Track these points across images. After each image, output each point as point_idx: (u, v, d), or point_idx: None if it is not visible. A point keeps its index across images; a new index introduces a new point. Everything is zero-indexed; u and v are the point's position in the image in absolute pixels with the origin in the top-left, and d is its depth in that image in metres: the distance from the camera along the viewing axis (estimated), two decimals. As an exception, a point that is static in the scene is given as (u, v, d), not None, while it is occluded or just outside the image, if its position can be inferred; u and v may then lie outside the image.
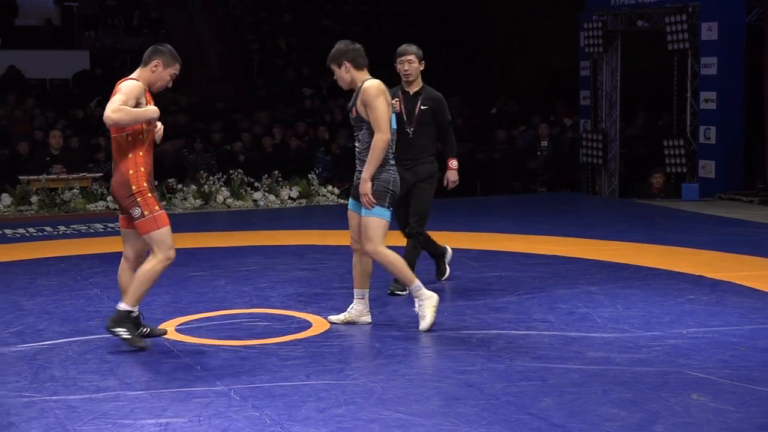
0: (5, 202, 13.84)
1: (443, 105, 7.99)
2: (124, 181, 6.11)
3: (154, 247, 6.14)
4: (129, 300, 6.15)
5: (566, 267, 8.88)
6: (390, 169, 6.61)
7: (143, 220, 6.10)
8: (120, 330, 6.15)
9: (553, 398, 5.16)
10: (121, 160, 6.14)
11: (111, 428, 4.78)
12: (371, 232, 6.54)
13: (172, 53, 6.36)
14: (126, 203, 6.12)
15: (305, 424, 4.81)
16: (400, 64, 7.91)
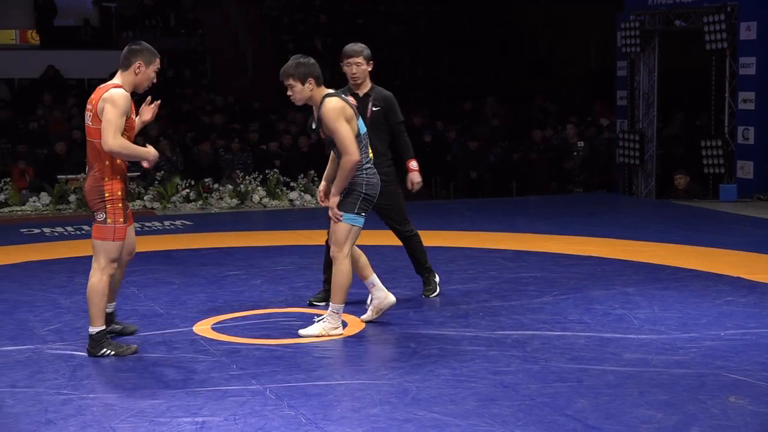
0: (44, 201, 13.97)
1: (394, 104, 7.65)
2: (97, 186, 6.03)
3: (100, 256, 6.04)
4: (94, 321, 6.06)
5: (602, 268, 8.83)
6: (363, 174, 6.51)
7: (104, 226, 6.01)
8: (103, 351, 6.07)
9: (588, 400, 5.14)
10: (97, 166, 6.04)
11: (147, 426, 4.80)
12: (337, 236, 6.50)
13: (150, 49, 6.28)
14: (93, 205, 6.04)
15: (340, 423, 4.82)
16: (347, 67, 7.48)
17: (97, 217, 6.05)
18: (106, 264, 6.05)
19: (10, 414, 5.00)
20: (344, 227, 6.48)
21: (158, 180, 14.61)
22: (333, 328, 6.55)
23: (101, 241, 6.04)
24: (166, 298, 7.72)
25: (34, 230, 11.85)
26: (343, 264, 6.50)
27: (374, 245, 10.08)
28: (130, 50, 6.22)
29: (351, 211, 6.47)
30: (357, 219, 6.49)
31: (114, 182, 6.06)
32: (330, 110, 6.39)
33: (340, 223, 6.46)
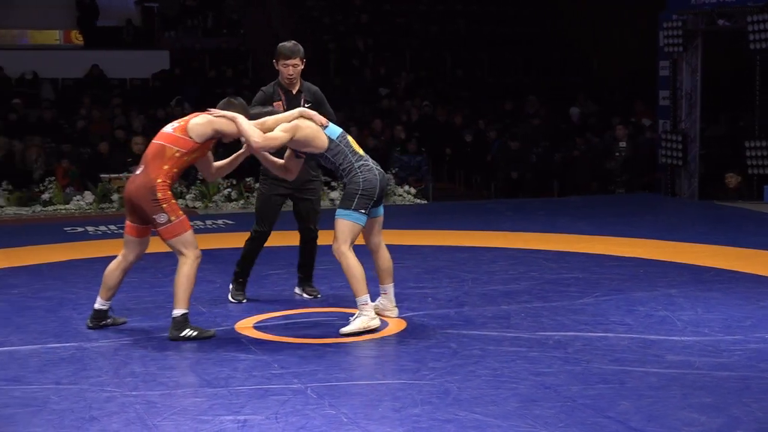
0: (87, 200, 14.09)
1: (323, 99, 7.68)
2: (150, 187, 6.32)
3: (182, 248, 6.38)
4: (179, 304, 6.40)
5: (645, 269, 8.77)
6: (357, 172, 6.61)
7: (170, 225, 6.34)
8: (185, 333, 6.38)
9: (631, 402, 5.11)
10: (154, 167, 6.37)
11: (190, 424, 4.83)
12: (336, 231, 6.60)
13: (243, 105, 6.64)
14: (150, 208, 6.31)
15: (381, 423, 4.82)
16: (284, 67, 7.47)
17: (158, 219, 6.31)
18: (191, 253, 6.39)
19: (54, 410, 5.05)
20: (344, 224, 6.58)
21: (200, 179, 14.69)
22: (370, 320, 6.61)
23: (176, 238, 6.35)
24: (208, 297, 7.76)
25: (77, 229, 11.96)
26: (348, 258, 6.58)
27: (414, 245, 10.10)
28: (228, 102, 6.63)
29: (348, 208, 6.57)
30: (354, 215, 6.57)
31: (166, 185, 6.37)
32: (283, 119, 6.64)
33: (340, 220, 6.56)
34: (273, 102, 7.47)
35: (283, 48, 7.52)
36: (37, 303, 7.69)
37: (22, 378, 5.64)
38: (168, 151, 6.37)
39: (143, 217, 6.45)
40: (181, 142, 6.41)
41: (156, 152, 6.42)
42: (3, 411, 5.04)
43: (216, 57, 21.93)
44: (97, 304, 6.77)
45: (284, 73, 7.52)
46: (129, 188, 6.46)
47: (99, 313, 6.77)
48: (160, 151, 6.40)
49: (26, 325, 6.93)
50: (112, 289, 6.75)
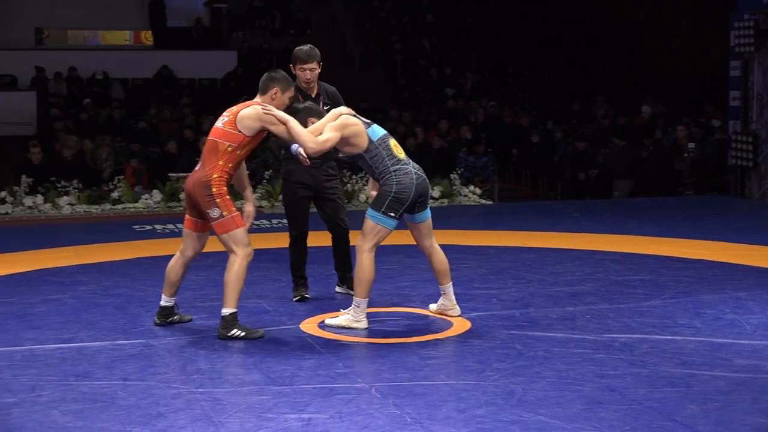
0: (155, 199, 14.26)
1: (339, 98, 7.73)
2: (205, 182, 6.37)
3: (232, 245, 6.40)
4: (228, 303, 6.42)
5: (713, 271, 8.66)
6: (392, 176, 6.63)
7: (222, 220, 6.37)
8: (233, 332, 6.42)
9: (698, 406, 5.04)
10: (210, 163, 6.42)
11: (255, 422, 4.86)
12: (363, 229, 6.63)
13: (287, 78, 6.66)
14: (204, 202, 6.37)
15: (445, 423, 4.81)
16: (302, 72, 7.49)
17: (211, 214, 6.36)
18: (242, 251, 6.40)
19: (122, 406, 5.11)
20: (370, 224, 6.60)
21: (266, 178, 14.79)
22: (355, 321, 6.68)
23: (227, 234, 6.38)
24: (274, 296, 7.81)
25: (146, 227, 12.10)
26: (365, 258, 6.61)
27: (480, 246, 10.07)
28: (270, 77, 6.62)
29: (378, 210, 6.58)
30: (382, 218, 6.57)
31: (222, 180, 6.40)
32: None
33: (368, 219, 6.59)
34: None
35: (300, 53, 7.52)
36: (106, 300, 7.79)
37: (90, 374, 5.72)
38: (220, 146, 6.41)
39: (201, 212, 6.51)
40: (231, 136, 6.42)
41: (210, 148, 6.47)
42: (72, 406, 5.12)
43: (283, 57, 22.04)
44: (162, 301, 6.86)
45: (302, 77, 7.53)
46: (188, 183, 6.54)
47: (165, 310, 6.85)
48: (213, 147, 6.45)
49: (95, 322, 7.03)
50: (175, 285, 6.81)
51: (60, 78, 20.37)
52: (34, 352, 6.22)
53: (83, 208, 13.97)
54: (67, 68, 20.73)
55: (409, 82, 21.05)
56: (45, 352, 6.20)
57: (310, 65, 7.49)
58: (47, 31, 23.78)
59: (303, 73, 7.52)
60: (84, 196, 14.15)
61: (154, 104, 19.00)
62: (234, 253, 6.41)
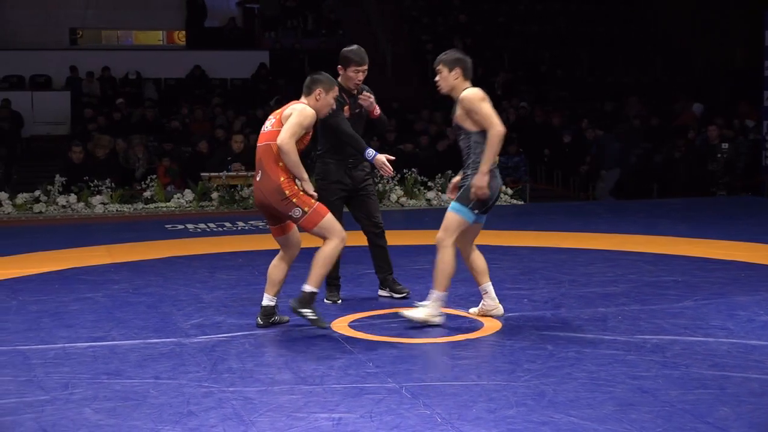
0: (187, 198, 14.32)
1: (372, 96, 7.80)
2: (276, 187, 6.41)
3: (325, 233, 6.47)
4: (312, 282, 6.48)
5: (747, 273, 8.60)
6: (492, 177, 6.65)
7: (306, 216, 6.43)
8: (306, 311, 6.47)
9: (731, 408, 5.00)
10: (270, 168, 6.45)
11: (285, 421, 4.87)
12: (446, 223, 6.68)
13: (330, 79, 6.74)
14: (283, 207, 6.41)
15: (476, 424, 4.80)
16: (355, 74, 7.54)
17: (294, 215, 6.44)
18: (336, 236, 6.47)
19: (153, 404, 5.13)
20: (455, 217, 6.67)
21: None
22: (434, 315, 6.71)
23: (317, 227, 6.46)
24: (305, 295, 7.81)
25: (177, 226, 12.16)
26: (447, 252, 6.64)
27: (511, 246, 10.04)
28: (313, 79, 6.70)
29: (465, 205, 6.65)
30: (468, 213, 6.66)
31: (289, 180, 6.45)
32: (474, 93, 6.63)
33: (453, 213, 6.65)
34: (342, 107, 7.53)
35: (356, 55, 7.56)
36: (138, 299, 7.84)
37: (122, 372, 5.75)
38: (273, 148, 6.45)
39: (279, 218, 6.57)
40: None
41: (265, 153, 6.49)
42: (104, 404, 5.15)
43: (315, 57, 22.10)
44: (265, 301, 6.80)
45: (354, 78, 7.57)
46: (258, 196, 6.56)
47: (267, 310, 6.79)
48: (267, 151, 6.48)
49: (127, 321, 7.07)
50: (278, 285, 6.79)
51: (93, 78, 20.50)
52: (67, 350, 6.26)
53: (116, 207, 14.06)
54: (100, 68, 20.86)
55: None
56: (77, 351, 6.24)
57: (365, 67, 7.57)
58: (81, 32, 23.96)
59: (356, 75, 7.56)
60: (117, 195, 14.24)
61: (186, 104, 19.07)
62: (329, 239, 6.47)
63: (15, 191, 14.38)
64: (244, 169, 14.54)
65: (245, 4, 24.42)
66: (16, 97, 19.55)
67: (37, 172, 16.09)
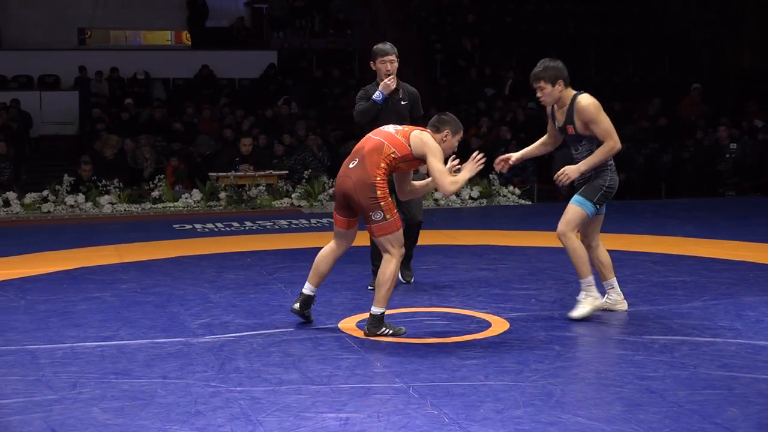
0: (195, 198, 14.34)
1: (418, 99, 8.30)
2: (370, 184, 6.40)
3: (389, 247, 6.47)
4: (379, 303, 6.48)
5: (755, 273, 8.58)
6: (608, 169, 6.91)
7: (385, 222, 6.42)
8: (382, 330, 6.48)
9: (739, 408, 5.00)
10: (371, 163, 6.44)
11: (293, 420, 4.87)
12: (569, 216, 6.87)
13: (456, 121, 6.75)
14: (368, 204, 6.40)
15: (483, 424, 4.80)
16: (382, 64, 8.01)
17: (374, 216, 6.42)
18: (398, 252, 6.49)
19: (161, 404, 5.14)
20: (578, 210, 6.87)
21: (305, 178, 14.83)
22: (596, 299, 6.93)
23: (386, 236, 6.45)
24: (312, 295, 7.81)
25: (185, 226, 12.18)
26: (573, 241, 6.89)
27: (518, 246, 10.04)
28: (440, 119, 6.74)
29: (591, 200, 6.87)
30: (591, 207, 6.87)
31: (384, 184, 6.45)
32: (591, 104, 6.86)
33: (576, 207, 6.86)
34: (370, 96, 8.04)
35: (380, 47, 8.07)
36: (146, 298, 7.85)
37: (130, 372, 5.76)
38: (386, 149, 6.45)
39: (355, 210, 6.56)
40: (400, 145, 6.50)
41: (374, 147, 6.48)
42: (112, 403, 5.16)
43: (323, 57, 22.11)
44: (306, 290, 6.82)
45: (382, 70, 8.02)
46: (345, 183, 6.51)
47: (308, 299, 6.83)
48: (378, 147, 6.48)
49: (135, 320, 7.08)
50: (323, 276, 6.83)
51: (102, 78, 20.53)
52: (75, 349, 6.27)
53: (124, 207, 14.08)
54: (109, 68, 20.90)
55: (448, 81, 21.01)
56: (86, 350, 6.25)
57: (390, 57, 8.01)
58: (90, 32, 23.99)
59: (383, 66, 8.01)
60: (125, 195, 14.26)
61: (192, 104, 19.09)
62: (389, 254, 6.46)
63: (23, 191, 14.40)
64: (252, 170, 14.56)
65: (253, 4, 24.43)
66: (25, 97, 19.58)
67: (45, 172, 16.11)
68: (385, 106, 8.02)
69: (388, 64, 7.99)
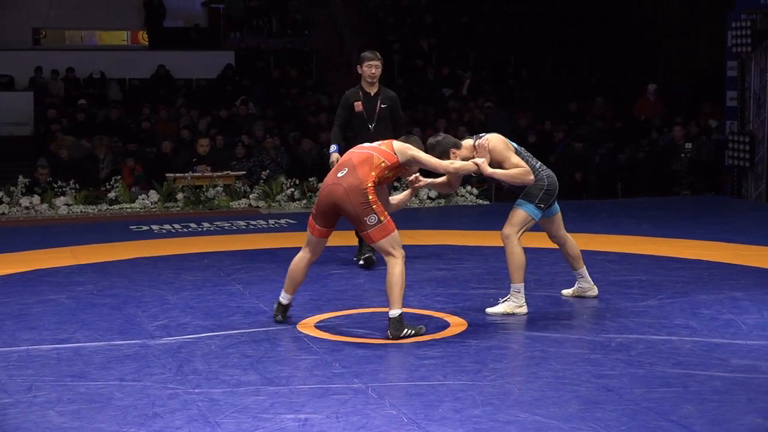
0: (152, 199, 14.25)
1: (398, 103, 9.24)
2: (362, 190, 6.47)
3: (390, 249, 6.50)
4: (395, 305, 6.47)
5: (710, 272, 8.67)
6: (541, 172, 7.11)
7: (380, 225, 6.47)
8: (405, 332, 6.47)
9: (694, 406, 5.05)
10: (363, 172, 6.53)
11: (251, 422, 4.86)
12: (513, 219, 7.08)
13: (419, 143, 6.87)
14: (361, 210, 6.45)
15: (442, 424, 4.81)
16: (368, 68, 9.06)
17: (368, 221, 6.47)
18: (399, 253, 6.52)
19: (118, 406, 5.11)
20: (522, 214, 7.07)
21: (263, 179, 14.79)
22: (518, 307, 7.10)
23: (386, 238, 6.49)
24: (271, 296, 7.79)
25: (142, 227, 12.11)
26: (515, 245, 7.06)
27: (476, 246, 10.07)
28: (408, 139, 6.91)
29: (531, 202, 7.06)
30: (534, 209, 7.07)
31: (374, 190, 6.52)
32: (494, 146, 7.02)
33: (520, 210, 7.07)
34: (354, 101, 9.03)
35: (364, 53, 9.16)
36: (102, 300, 7.79)
37: (86, 374, 5.72)
38: (375, 159, 6.57)
39: (336, 220, 6.67)
40: (387, 155, 6.61)
41: (364, 158, 6.60)
42: (68, 407, 5.12)
43: (280, 57, 22.05)
44: (283, 300, 6.90)
45: (367, 72, 9.04)
46: (336, 191, 6.53)
47: (286, 308, 6.94)
48: (368, 158, 6.59)
49: (92, 322, 7.03)
50: (298, 284, 6.93)
51: (58, 78, 20.36)
52: (31, 352, 6.21)
53: (80, 208, 13.96)
54: (64, 68, 20.71)
55: (406, 81, 21.03)
56: (41, 353, 6.20)
57: (375, 62, 9.07)
58: (44, 32, 23.77)
59: (369, 69, 9.05)
60: (81, 196, 14.13)
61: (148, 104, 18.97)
62: (393, 256, 6.48)
63: (-23, 193, 14.23)
64: (210, 170, 14.50)
65: (210, 4, 24.32)
66: (-21, 98, 19.36)
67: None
68: (367, 110, 9.01)
69: (373, 68, 8.99)
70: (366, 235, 6.53)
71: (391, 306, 6.47)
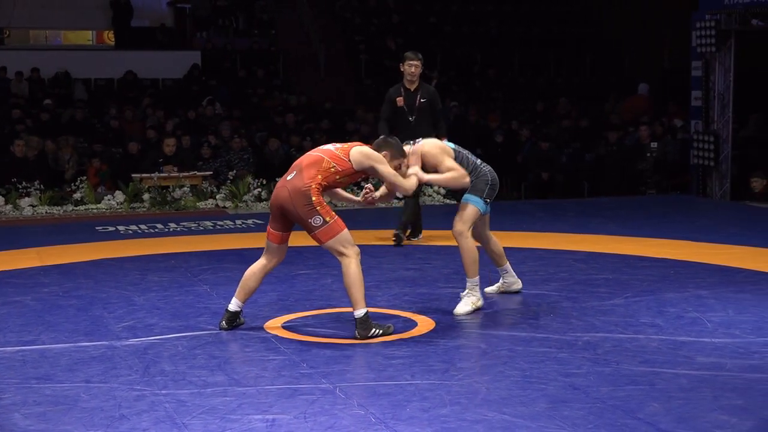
0: (118, 200, 14.16)
1: (437, 97, 10.26)
2: (304, 191, 6.41)
3: (341, 248, 6.45)
4: (359, 305, 6.44)
5: (676, 270, 8.73)
6: (482, 167, 7.38)
7: (326, 226, 6.41)
8: (372, 332, 6.44)
9: (660, 403, 5.08)
10: (308, 174, 6.47)
11: (218, 423, 4.85)
12: (465, 215, 7.26)
13: (399, 147, 6.89)
14: (305, 212, 6.40)
15: (410, 423, 4.82)
16: (408, 67, 10.06)
17: (313, 223, 6.40)
18: (350, 251, 6.46)
19: (84, 408, 5.08)
20: (472, 209, 7.23)
21: (230, 179, 14.74)
22: (478, 300, 7.26)
23: (334, 239, 6.43)
24: (238, 297, 7.77)
25: (108, 228, 12.03)
26: (468, 240, 7.24)
27: (443, 245, 10.09)
28: (385, 141, 6.90)
29: (479, 196, 7.23)
30: (482, 203, 7.26)
31: (318, 190, 6.45)
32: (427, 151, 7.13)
33: (470, 204, 7.22)
34: (396, 97, 10.05)
35: (407, 53, 10.17)
36: (68, 302, 7.74)
37: (52, 376, 5.68)
38: (325, 163, 6.49)
39: (290, 223, 6.56)
40: (341, 161, 6.53)
41: (313, 161, 6.52)
42: (34, 409, 5.08)
43: (247, 57, 21.99)
44: (232, 306, 6.76)
45: (407, 71, 10.04)
46: (281, 194, 6.50)
47: (233, 315, 6.77)
48: (317, 161, 6.51)
49: (57, 324, 6.98)
50: (251, 292, 6.78)
51: (22, 78, 20.20)
52: (-5, 354, 6.17)
53: (45, 209, 13.85)
54: (29, 68, 20.56)
55: (373, 81, 21.03)
56: (6, 355, 6.15)
57: (415, 62, 10.07)
58: (8, 31, 23.59)
59: (409, 68, 10.05)
60: (46, 197, 14.03)
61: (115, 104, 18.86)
62: (345, 256, 6.42)
63: (-60, 194, 14.10)
64: (176, 171, 14.44)
65: (176, 3, 24.22)
66: (-59, 97, 19.19)
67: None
68: (408, 106, 9.98)
69: (413, 67, 9.99)
70: (314, 236, 6.48)
71: (354, 306, 6.45)
